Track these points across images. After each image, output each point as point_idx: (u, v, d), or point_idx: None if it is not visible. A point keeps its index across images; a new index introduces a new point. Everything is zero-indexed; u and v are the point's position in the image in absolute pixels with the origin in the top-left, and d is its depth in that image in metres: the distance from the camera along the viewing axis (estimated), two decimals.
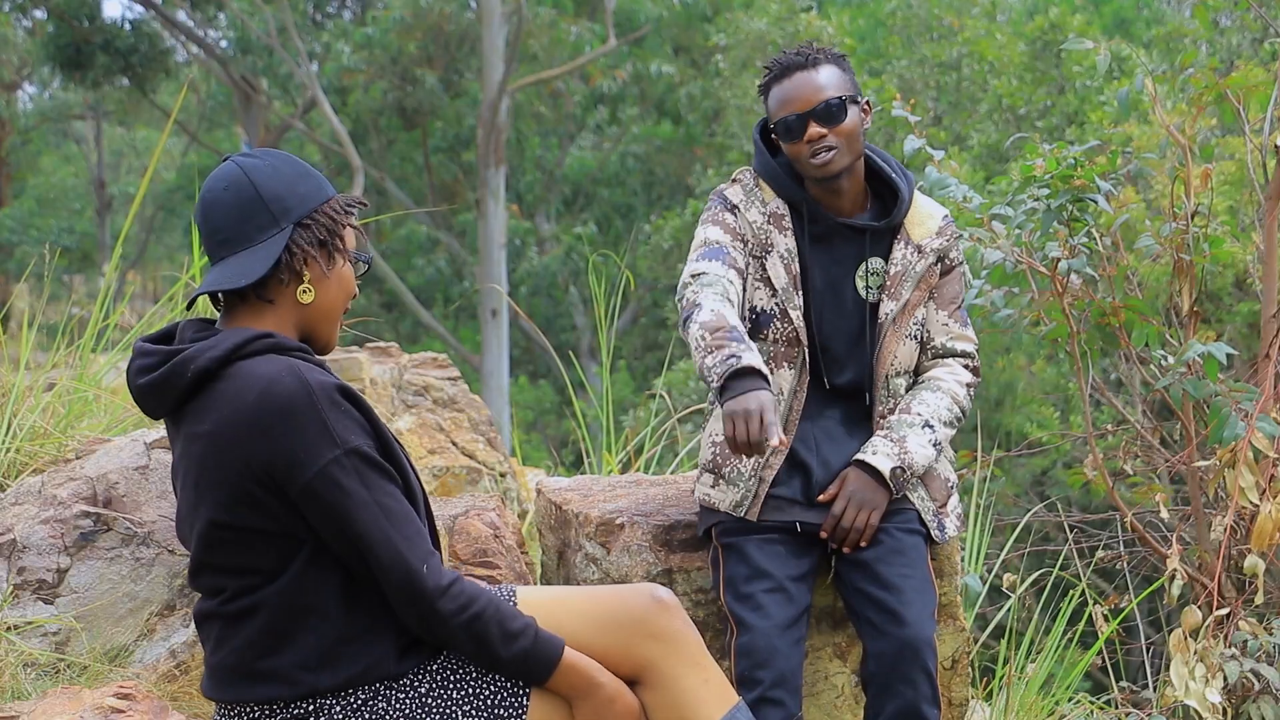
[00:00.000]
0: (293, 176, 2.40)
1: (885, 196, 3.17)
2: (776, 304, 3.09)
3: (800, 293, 3.09)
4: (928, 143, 4.16)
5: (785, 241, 3.10)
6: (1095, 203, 3.88)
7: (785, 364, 3.10)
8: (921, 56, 15.31)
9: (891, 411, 3.12)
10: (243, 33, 19.81)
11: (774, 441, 2.70)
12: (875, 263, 3.13)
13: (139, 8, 22.26)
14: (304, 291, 2.40)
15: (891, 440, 3.04)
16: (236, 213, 2.36)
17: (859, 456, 3.04)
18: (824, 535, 3.00)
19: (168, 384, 2.34)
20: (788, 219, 3.12)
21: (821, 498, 3.02)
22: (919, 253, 3.12)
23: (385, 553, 2.30)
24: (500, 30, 17.41)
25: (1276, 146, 4.19)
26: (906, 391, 3.15)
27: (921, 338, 3.17)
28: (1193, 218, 4.10)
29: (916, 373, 3.19)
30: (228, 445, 2.28)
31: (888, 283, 3.10)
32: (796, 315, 3.07)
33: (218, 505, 2.30)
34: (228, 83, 21.59)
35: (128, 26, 19.42)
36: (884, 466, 3.00)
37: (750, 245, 3.12)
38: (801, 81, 3.04)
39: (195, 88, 23.17)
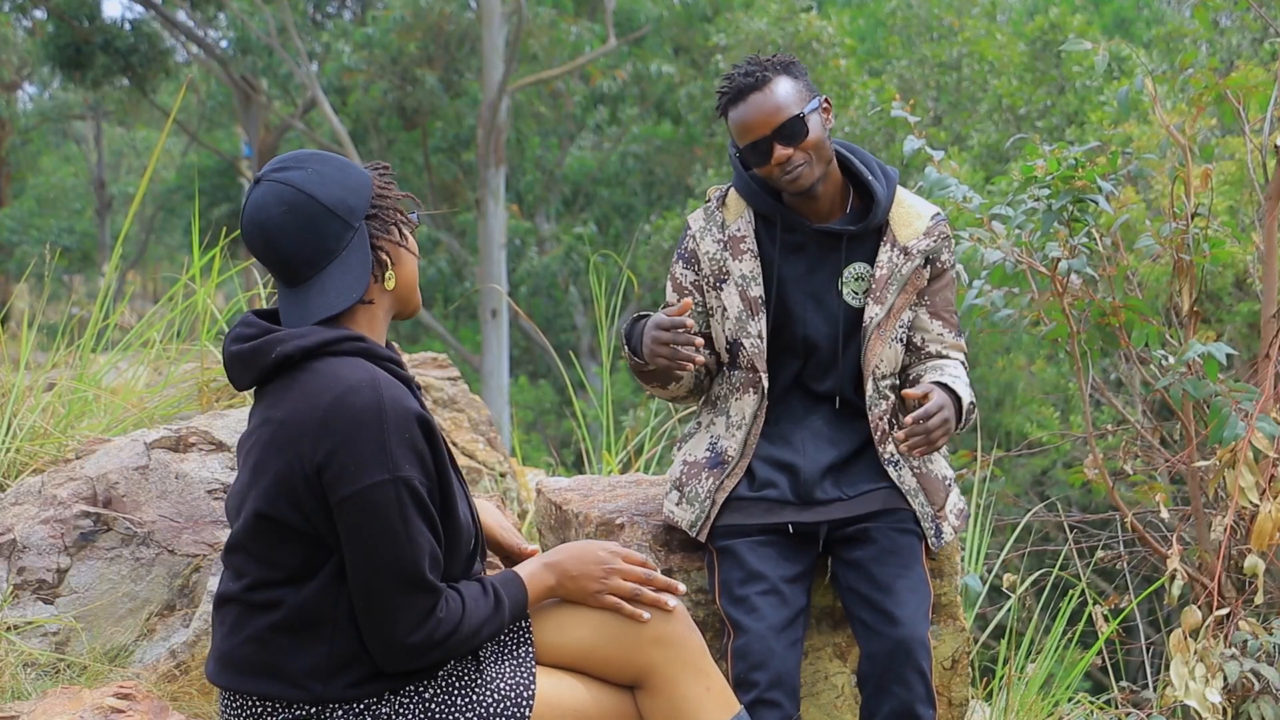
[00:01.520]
0: (339, 174, 2.38)
1: (866, 197, 3.12)
2: (735, 334, 3.08)
3: (758, 318, 3.06)
4: (928, 143, 4.15)
5: (741, 267, 3.08)
6: (1095, 203, 3.88)
7: (750, 389, 3.09)
8: (921, 56, 15.32)
9: (886, 414, 3.09)
10: (243, 33, 19.82)
11: (683, 318, 2.85)
12: (860, 267, 3.09)
13: (139, 8, 22.29)
14: (389, 279, 2.41)
15: (951, 379, 2.96)
16: (308, 231, 2.33)
17: (940, 379, 2.94)
18: (907, 421, 2.82)
19: (253, 359, 2.34)
20: (749, 239, 3.09)
21: (908, 393, 2.86)
22: (905, 255, 3.08)
23: (389, 588, 2.29)
24: (500, 30, 17.41)
25: (1276, 146, 4.19)
26: (893, 391, 3.12)
27: (907, 340, 3.12)
28: (1193, 218, 4.10)
29: (903, 373, 3.15)
30: (292, 437, 2.28)
31: (873, 286, 3.07)
32: (750, 343, 3.06)
33: (265, 493, 2.30)
34: (228, 83, 21.60)
35: (128, 26, 19.42)
36: (965, 396, 2.95)
37: (708, 279, 3.12)
38: (757, 104, 2.98)
39: (195, 88, 23.18)
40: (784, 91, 2.99)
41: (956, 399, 2.93)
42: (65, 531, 3.14)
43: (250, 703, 2.35)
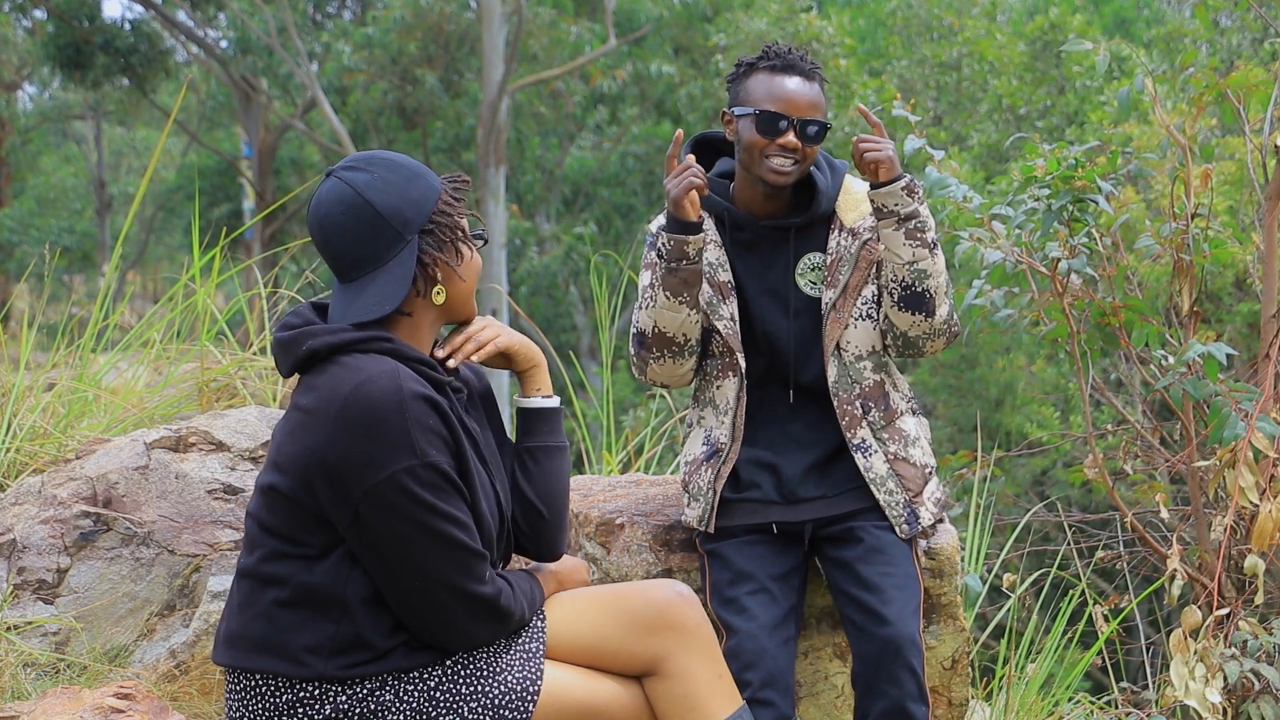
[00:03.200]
0: (404, 184, 2.42)
1: (811, 192, 3.14)
2: (709, 321, 3.09)
3: (729, 301, 3.09)
4: (928, 143, 4.15)
5: (708, 255, 3.10)
6: (1095, 203, 3.88)
7: (730, 374, 3.10)
8: (921, 56, 15.30)
9: (858, 396, 3.07)
10: (243, 33, 19.81)
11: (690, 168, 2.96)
12: (815, 258, 3.11)
13: (139, 8, 22.27)
14: (438, 294, 2.46)
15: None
16: (358, 235, 2.40)
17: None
18: (855, 140, 3.01)
19: (287, 349, 2.42)
20: (711, 231, 3.12)
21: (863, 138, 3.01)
22: (852, 236, 3.09)
23: (443, 559, 2.35)
24: (500, 30, 17.39)
25: (1276, 146, 4.19)
26: (875, 373, 3.10)
27: (877, 316, 3.11)
28: (1193, 218, 4.10)
29: (890, 347, 3.13)
30: (313, 427, 2.34)
31: (826, 274, 3.09)
32: (724, 325, 3.08)
33: (284, 475, 2.37)
34: (228, 83, 21.58)
35: (128, 26, 19.40)
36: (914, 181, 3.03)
37: None
38: (801, 87, 3.04)
39: (195, 88, 23.17)
40: (821, 97, 3.07)
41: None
42: (65, 531, 3.14)
43: (253, 681, 2.38)
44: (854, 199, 3.13)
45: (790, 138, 3.00)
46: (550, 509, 2.59)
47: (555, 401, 2.70)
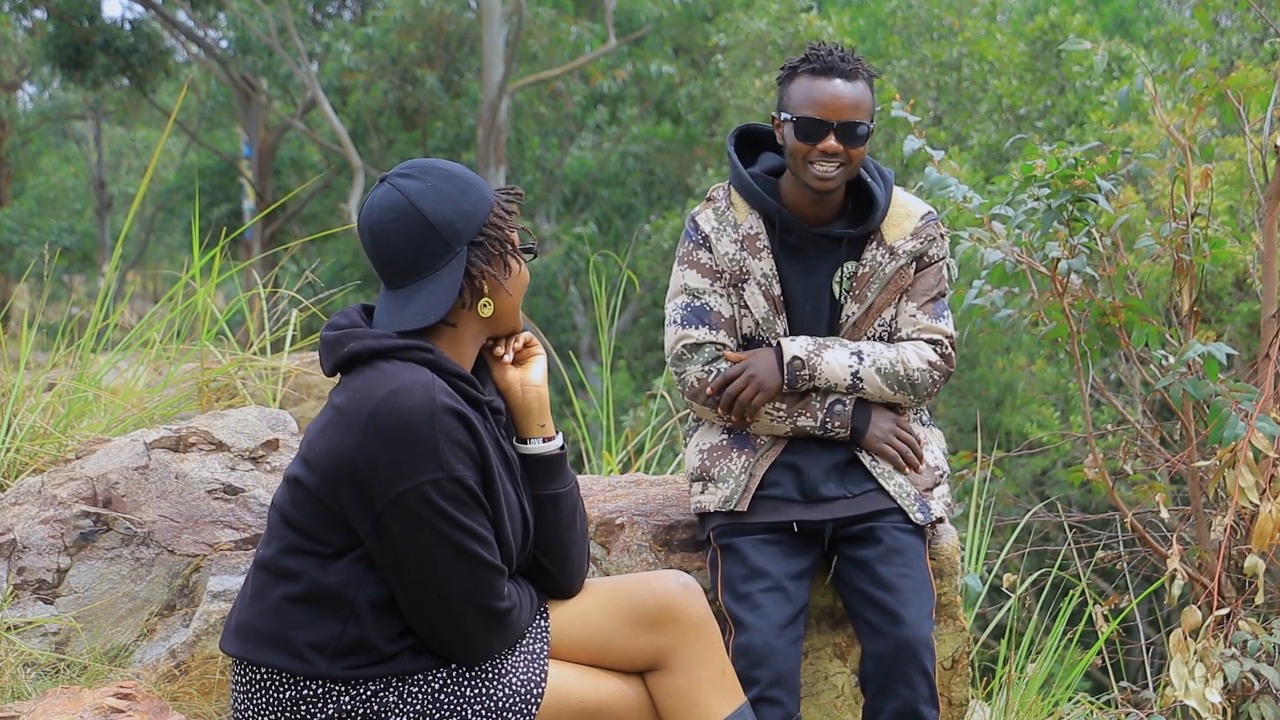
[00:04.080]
0: (456, 194, 2.42)
1: (862, 200, 3.15)
2: (759, 333, 3.10)
3: (782, 316, 3.09)
4: (928, 143, 4.15)
5: (761, 265, 3.09)
6: (1095, 203, 3.88)
7: None
8: (921, 56, 15.29)
9: None
10: (243, 33, 19.81)
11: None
12: (850, 266, 3.11)
13: (139, 8, 22.27)
14: (484, 305, 2.46)
15: (815, 342, 3.05)
16: (408, 243, 2.40)
17: (778, 340, 3.05)
18: (710, 391, 3.04)
19: (329, 349, 2.44)
20: (762, 237, 3.11)
21: (727, 355, 3.05)
22: (891, 254, 3.10)
23: (466, 577, 2.35)
24: (500, 30, 17.40)
25: (1276, 146, 4.19)
26: None
27: (887, 335, 3.14)
28: (1193, 218, 4.10)
29: None
30: (344, 427, 2.34)
31: (855, 285, 3.09)
32: (774, 339, 3.09)
33: (312, 472, 2.38)
34: (228, 83, 21.59)
35: (128, 26, 19.41)
36: (789, 351, 3.01)
37: (727, 277, 3.11)
38: (841, 89, 3.01)
39: (195, 88, 23.17)
40: (865, 96, 3.04)
41: (780, 354, 3.04)
42: (65, 531, 3.14)
43: (258, 674, 2.39)
44: (898, 212, 3.13)
45: (831, 142, 2.99)
46: (553, 559, 2.56)
47: (554, 446, 2.59)
